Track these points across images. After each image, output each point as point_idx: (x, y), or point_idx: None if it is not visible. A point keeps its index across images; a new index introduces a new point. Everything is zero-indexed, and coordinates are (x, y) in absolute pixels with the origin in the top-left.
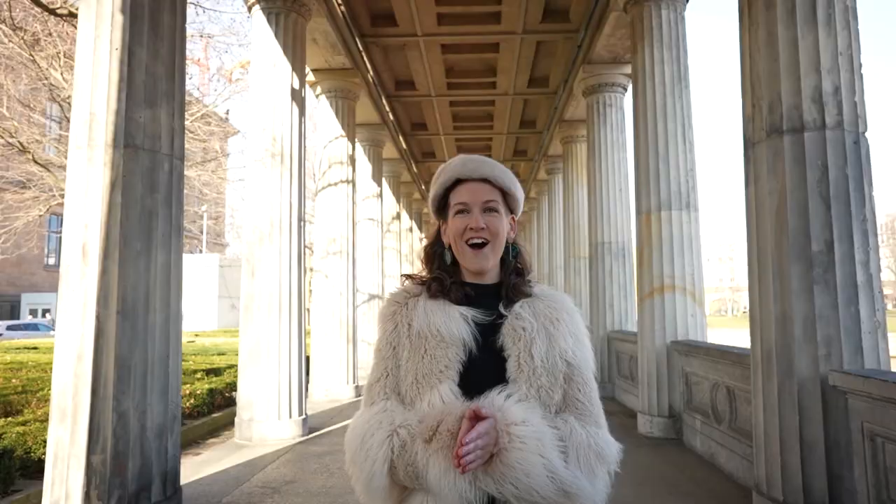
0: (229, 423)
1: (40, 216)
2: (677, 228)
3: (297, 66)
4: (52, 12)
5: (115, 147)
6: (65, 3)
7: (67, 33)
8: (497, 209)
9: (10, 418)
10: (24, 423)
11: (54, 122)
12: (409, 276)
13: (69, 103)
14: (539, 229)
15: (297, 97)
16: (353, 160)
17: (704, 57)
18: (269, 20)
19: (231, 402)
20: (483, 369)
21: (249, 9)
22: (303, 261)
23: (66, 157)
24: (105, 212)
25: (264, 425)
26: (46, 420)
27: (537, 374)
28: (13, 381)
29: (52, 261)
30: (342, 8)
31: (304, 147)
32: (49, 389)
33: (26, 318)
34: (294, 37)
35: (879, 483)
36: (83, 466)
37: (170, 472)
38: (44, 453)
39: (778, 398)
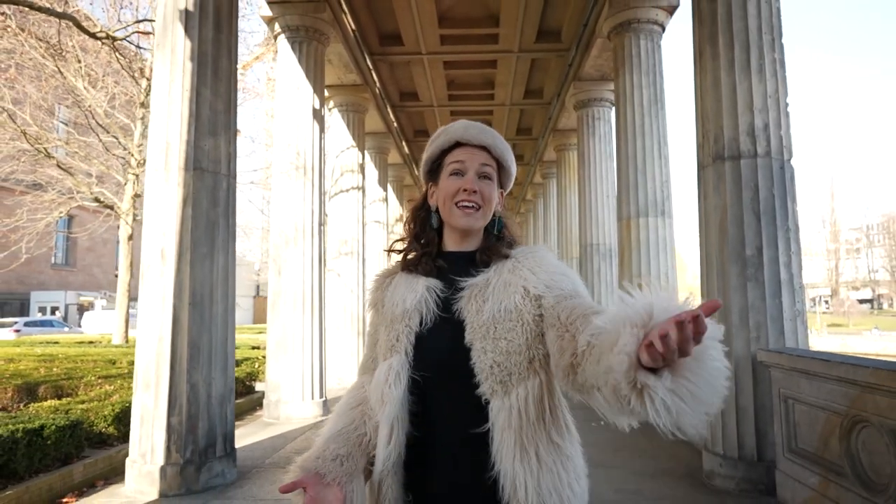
0: (250, 409)
1: (61, 217)
2: (653, 233)
3: (318, 88)
4: (93, 35)
5: (185, 170)
6: (102, 29)
7: (93, 48)
8: (491, 177)
9: (67, 399)
10: (82, 402)
11: (61, 123)
12: (390, 250)
13: (91, 112)
14: (535, 230)
15: (318, 116)
16: (362, 168)
17: (681, 79)
18: (292, 48)
19: (250, 391)
20: (437, 338)
21: (275, 37)
22: (323, 261)
23: (81, 161)
24: (178, 222)
25: (290, 406)
26: (100, 400)
27: (494, 330)
28: (54, 370)
29: (58, 260)
30: (354, 30)
31: (324, 160)
32: (91, 376)
33: (36, 316)
34: (315, 62)
35: (790, 435)
36: (164, 426)
37: (228, 434)
38: (104, 427)
39: None
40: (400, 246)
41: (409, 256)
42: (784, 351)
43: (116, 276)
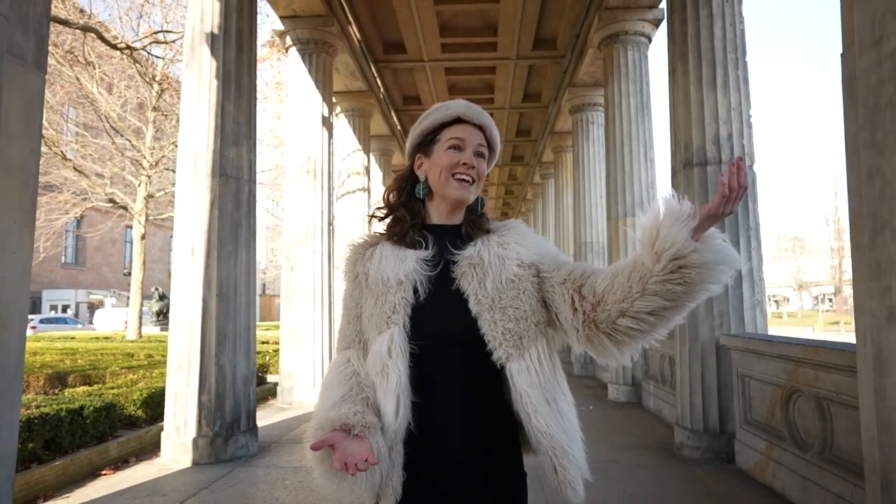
0: (263, 399)
1: (76, 217)
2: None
3: (326, 97)
4: (114, 47)
5: (212, 176)
6: (122, 40)
7: (107, 54)
8: (485, 157)
9: (97, 385)
10: (111, 388)
11: (74, 126)
12: (372, 216)
13: (106, 116)
14: (535, 228)
15: (326, 123)
16: (368, 170)
17: (667, 87)
18: (303, 59)
19: (262, 381)
20: (436, 309)
21: (286, 49)
22: (332, 258)
23: (94, 163)
24: (207, 222)
25: (302, 392)
26: (129, 386)
27: (500, 300)
28: (78, 361)
29: (68, 259)
30: (359, 40)
31: (333, 164)
32: (114, 366)
33: (48, 314)
34: (324, 73)
35: (745, 408)
36: (196, 403)
37: (251, 411)
38: (133, 411)
39: (689, 356)
40: (381, 213)
41: (396, 228)
42: (740, 335)
43: (125, 274)
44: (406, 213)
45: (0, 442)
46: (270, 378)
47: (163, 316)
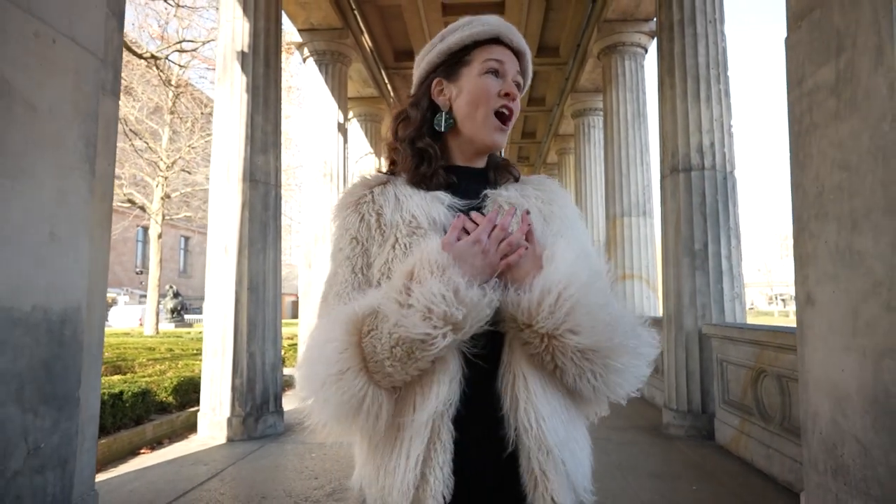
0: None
1: None
2: (636, 231)
3: (341, 104)
4: (139, 55)
5: (243, 181)
6: (146, 49)
7: (128, 61)
8: (521, 89)
9: (129, 374)
10: (143, 377)
11: None
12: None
13: (125, 120)
14: None
15: (341, 129)
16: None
17: None
18: (319, 69)
19: None
20: None
21: (304, 60)
22: None
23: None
24: (238, 223)
25: None
26: (159, 375)
27: None
28: (105, 354)
29: None
30: (371, 49)
31: (347, 167)
32: (141, 358)
33: None
34: (339, 82)
35: (724, 390)
36: (229, 386)
37: (278, 394)
38: (164, 397)
39: (675, 344)
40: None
41: (422, 166)
42: (718, 323)
43: (138, 272)
44: (435, 149)
45: (88, 406)
46: (286, 371)
47: (177, 313)
